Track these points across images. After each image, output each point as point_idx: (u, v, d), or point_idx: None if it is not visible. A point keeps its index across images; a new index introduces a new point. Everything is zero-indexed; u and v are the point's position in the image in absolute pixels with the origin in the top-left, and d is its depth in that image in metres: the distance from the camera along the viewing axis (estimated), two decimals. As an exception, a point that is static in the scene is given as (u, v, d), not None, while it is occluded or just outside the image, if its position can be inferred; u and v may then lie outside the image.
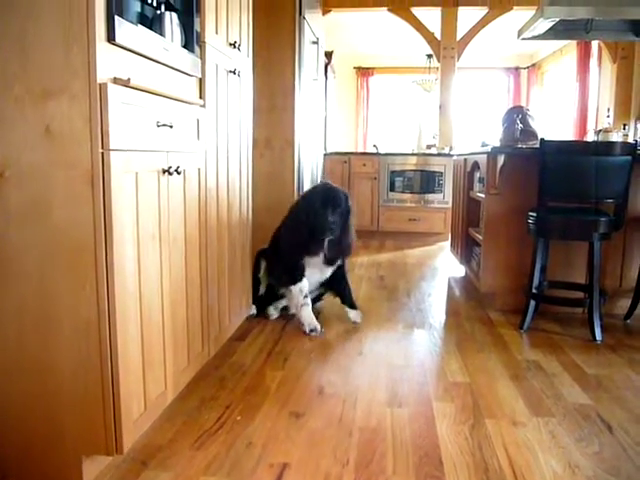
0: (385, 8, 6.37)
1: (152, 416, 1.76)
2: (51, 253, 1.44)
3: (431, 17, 6.38)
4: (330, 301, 3.34)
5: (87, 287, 1.44)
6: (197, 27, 2.05)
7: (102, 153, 1.41)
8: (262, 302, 3.19)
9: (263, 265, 3.18)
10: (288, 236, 3.05)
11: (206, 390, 2.19)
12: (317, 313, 3.11)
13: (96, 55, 1.38)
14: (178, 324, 1.94)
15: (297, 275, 3.02)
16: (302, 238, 2.93)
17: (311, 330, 2.92)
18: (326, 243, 2.96)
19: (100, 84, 1.39)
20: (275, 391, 2.21)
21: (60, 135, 1.41)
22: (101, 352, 1.47)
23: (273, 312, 3.19)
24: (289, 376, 2.36)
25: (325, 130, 6.90)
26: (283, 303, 3.21)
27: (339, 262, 3.14)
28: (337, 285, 3.21)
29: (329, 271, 3.13)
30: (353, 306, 3.18)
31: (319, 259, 3.02)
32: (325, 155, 6.18)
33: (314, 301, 3.26)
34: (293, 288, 3.01)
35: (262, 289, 3.20)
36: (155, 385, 1.76)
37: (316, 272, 3.10)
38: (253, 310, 3.13)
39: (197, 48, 2.05)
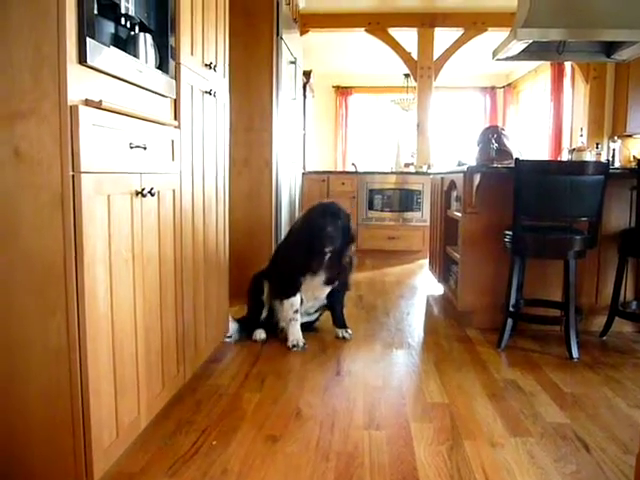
0: (362, 29, 6.46)
1: (125, 443, 1.72)
2: (19, 278, 1.41)
3: (408, 38, 6.48)
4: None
5: (57, 313, 1.41)
6: (172, 48, 2.04)
7: (72, 176, 1.39)
8: (265, 326, 3.17)
9: (266, 287, 3.18)
10: (288, 251, 3.09)
11: (181, 414, 2.15)
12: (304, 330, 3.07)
13: (67, 77, 1.36)
14: (152, 347, 1.90)
15: (291, 290, 3.04)
16: (302, 252, 2.97)
17: (293, 345, 2.95)
18: (326, 259, 2.99)
19: (71, 106, 1.37)
20: (252, 414, 2.18)
21: (29, 157, 1.39)
22: (71, 379, 1.43)
23: (263, 333, 3.16)
24: (266, 398, 2.33)
25: (304, 149, 6.93)
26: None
27: (337, 282, 3.15)
28: (332, 304, 3.25)
29: (326, 290, 3.15)
30: (344, 326, 3.24)
31: (319, 277, 3.04)
32: (304, 174, 6.19)
33: (311, 323, 3.30)
34: (285, 302, 3.04)
35: (265, 312, 3.18)
36: (128, 411, 1.72)
37: (313, 290, 3.12)
38: (233, 332, 3.09)
39: (172, 69, 2.05)
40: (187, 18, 2.18)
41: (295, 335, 3.00)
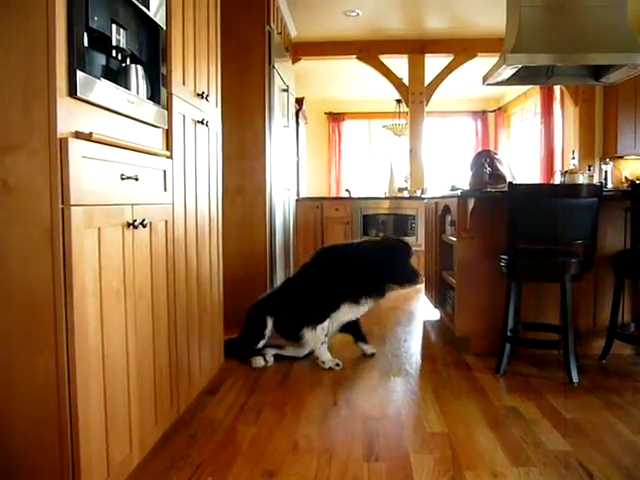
0: (354, 56, 6.53)
1: (116, 482, 1.67)
2: (5, 314, 1.37)
3: (399, 64, 6.55)
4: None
5: (45, 350, 1.37)
6: (163, 79, 2.04)
7: (62, 208, 1.37)
8: (253, 352, 3.20)
9: (270, 322, 3.21)
10: (345, 278, 3.16)
11: (175, 449, 2.09)
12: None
13: (57, 109, 1.35)
14: (145, 382, 1.86)
15: (325, 315, 3.15)
16: (370, 281, 3.16)
17: (336, 364, 3.11)
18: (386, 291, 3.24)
19: (60, 138, 1.36)
20: (248, 448, 2.12)
21: (18, 190, 1.37)
22: (60, 418, 1.39)
23: (268, 359, 3.20)
24: (262, 431, 2.28)
25: (297, 176, 6.95)
26: (273, 351, 3.25)
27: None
28: (352, 324, 3.37)
29: (362, 313, 3.30)
30: (366, 341, 3.43)
31: (365, 301, 3.20)
32: (297, 200, 6.19)
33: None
34: (319, 327, 3.12)
35: (262, 343, 3.20)
36: (119, 448, 1.67)
37: (351, 313, 3.25)
38: None
39: (164, 99, 2.04)
40: (178, 48, 2.18)
41: (330, 357, 3.14)
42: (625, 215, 3.24)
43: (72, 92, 1.41)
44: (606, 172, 4.98)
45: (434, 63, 6.54)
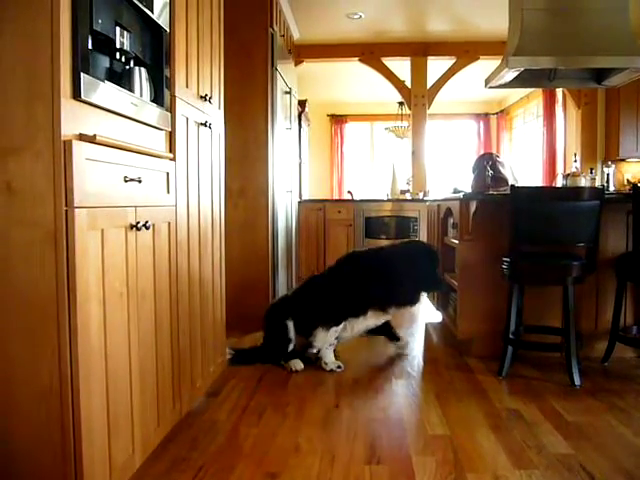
0: (356, 58, 6.53)
1: (119, 483, 1.67)
2: (9, 316, 1.38)
3: (401, 67, 6.55)
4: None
5: (48, 351, 1.38)
6: (167, 81, 2.05)
7: (66, 211, 1.38)
8: (288, 355, 3.18)
9: (291, 324, 3.19)
10: (375, 284, 3.17)
11: (177, 451, 2.10)
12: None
13: (60, 112, 1.36)
14: (147, 383, 1.87)
15: (342, 318, 3.16)
16: (398, 287, 3.18)
17: (338, 367, 3.10)
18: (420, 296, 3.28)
19: (64, 141, 1.37)
20: (250, 449, 2.13)
21: (22, 192, 1.37)
22: (62, 419, 1.39)
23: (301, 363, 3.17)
24: (264, 433, 2.28)
25: (300, 178, 6.95)
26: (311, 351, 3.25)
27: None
28: (383, 325, 3.39)
29: (383, 320, 3.31)
30: (399, 339, 3.49)
31: (392, 310, 3.23)
32: (300, 203, 6.20)
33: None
34: (332, 329, 3.13)
35: (291, 346, 3.19)
36: (122, 450, 1.67)
37: (374, 320, 3.25)
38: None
39: (167, 102, 2.05)
40: (182, 51, 2.19)
41: (333, 359, 3.15)
42: (627, 218, 3.24)
43: (76, 94, 1.42)
44: (608, 175, 4.97)
45: (436, 66, 6.54)
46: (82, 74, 1.43)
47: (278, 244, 4.27)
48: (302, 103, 7.16)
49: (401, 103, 8.02)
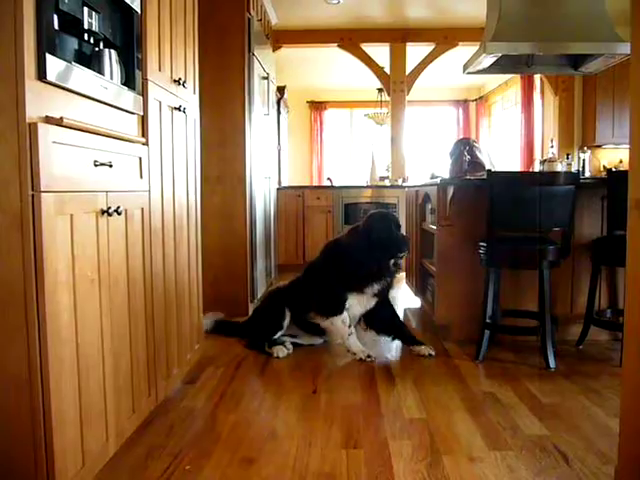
0: (335, 44, 6.48)
1: (92, 471, 1.65)
2: (-24, 303, 1.35)
3: (380, 53, 6.52)
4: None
5: (16, 340, 1.35)
6: (139, 64, 2.01)
7: (32, 195, 1.35)
8: (272, 342, 3.16)
9: (288, 314, 3.18)
10: (348, 262, 3.06)
11: (153, 438, 2.08)
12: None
13: (25, 94, 1.32)
14: (121, 371, 1.84)
15: (341, 307, 3.08)
16: (369, 261, 3.02)
17: (367, 356, 3.02)
18: (392, 267, 3.10)
19: (29, 123, 1.33)
20: (227, 436, 2.12)
21: (-14, 177, 1.33)
22: (32, 409, 1.37)
23: (289, 347, 3.17)
24: (242, 419, 2.28)
25: (279, 164, 6.91)
26: (291, 340, 3.24)
27: (384, 294, 3.20)
28: (389, 322, 3.25)
29: (373, 303, 3.17)
30: (418, 341, 3.19)
31: (370, 289, 3.09)
32: (279, 189, 6.16)
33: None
34: (337, 320, 3.07)
35: (279, 334, 3.19)
36: (95, 438, 1.66)
37: (360, 304, 3.15)
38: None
39: (139, 85, 2.01)
40: (154, 33, 2.15)
41: (361, 348, 3.08)
42: (602, 203, 3.27)
43: (41, 76, 1.38)
44: (584, 160, 5.02)
45: (415, 52, 6.52)
46: (47, 55, 1.39)
47: (256, 231, 4.24)
48: (281, 89, 7.11)
49: (380, 90, 8.01)
